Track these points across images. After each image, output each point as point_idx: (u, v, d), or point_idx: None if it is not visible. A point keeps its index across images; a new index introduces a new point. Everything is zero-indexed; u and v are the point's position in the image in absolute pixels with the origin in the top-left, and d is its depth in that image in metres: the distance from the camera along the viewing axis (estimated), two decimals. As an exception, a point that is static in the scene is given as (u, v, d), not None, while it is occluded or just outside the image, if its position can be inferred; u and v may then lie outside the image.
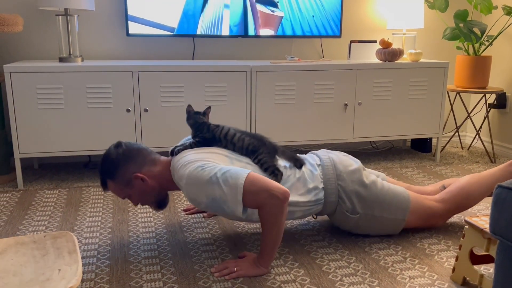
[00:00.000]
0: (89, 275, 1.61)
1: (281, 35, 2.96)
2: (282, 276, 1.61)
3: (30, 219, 2.07)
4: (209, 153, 1.69)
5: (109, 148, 1.76)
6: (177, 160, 1.70)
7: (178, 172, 1.65)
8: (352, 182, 1.81)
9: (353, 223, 1.85)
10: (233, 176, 1.55)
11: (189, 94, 2.57)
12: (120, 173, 1.71)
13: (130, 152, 1.73)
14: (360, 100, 2.84)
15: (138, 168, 1.72)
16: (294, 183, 1.76)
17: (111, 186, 1.74)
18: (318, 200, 1.79)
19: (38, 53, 2.78)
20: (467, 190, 1.90)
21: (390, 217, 1.85)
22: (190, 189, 1.60)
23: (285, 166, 1.78)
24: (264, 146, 1.76)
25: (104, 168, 1.72)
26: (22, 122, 2.41)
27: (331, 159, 1.85)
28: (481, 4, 3.01)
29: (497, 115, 3.31)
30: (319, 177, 1.80)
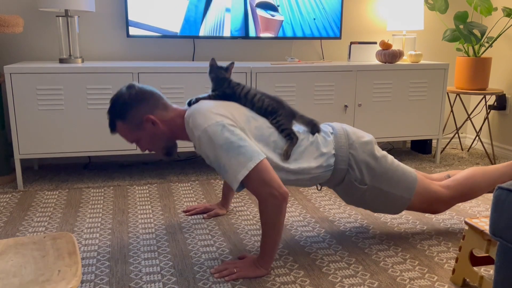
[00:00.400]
0: (89, 276, 1.61)
1: (281, 36, 2.96)
2: (282, 277, 1.61)
3: (30, 220, 2.07)
4: (229, 107, 1.66)
5: (121, 89, 1.72)
6: (196, 107, 1.65)
7: (196, 119, 1.60)
8: (363, 152, 1.79)
9: (359, 194, 1.81)
10: (247, 155, 1.52)
11: (190, 95, 2.57)
12: (131, 114, 1.67)
13: (142, 93, 1.70)
14: (360, 101, 2.84)
15: (150, 111, 1.69)
16: (307, 147, 1.73)
17: (120, 128, 1.70)
18: (328, 166, 1.76)
19: (39, 54, 2.79)
20: (473, 181, 1.89)
21: (396, 194, 1.82)
22: (202, 142, 1.57)
23: (298, 131, 1.75)
24: (283, 109, 1.74)
25: (115, 108, 1.68)
26: (22, 123, 2.41)
27: (344, 129, 1.83)
28: (481, 5, 3.01)
29: (497, 116, 3.32)
30: (332, 144, 1.78)
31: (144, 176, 2.73)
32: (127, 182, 2.61)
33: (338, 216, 2.16)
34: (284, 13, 2.93)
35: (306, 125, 1.79)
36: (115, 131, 1.73)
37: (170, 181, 2.63)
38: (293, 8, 2.93)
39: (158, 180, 2.65)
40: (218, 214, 2.13)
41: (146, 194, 2.41)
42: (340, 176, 1.80)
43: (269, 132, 1.69)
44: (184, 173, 2.78)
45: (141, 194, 2.41)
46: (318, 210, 2.22)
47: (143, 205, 2.26)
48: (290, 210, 2.22)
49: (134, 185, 2.55)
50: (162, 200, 2.33)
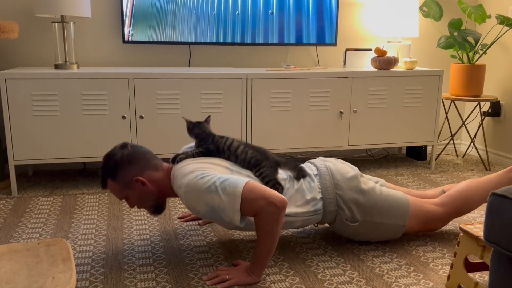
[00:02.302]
0: (83, 283, 1.60)
1: (277, 43, 2.97)
2: (277, 283, 1.61)
3: (24, 227, 2.06)
4: (211, 163, 1.69)
5: (115, 147, 1.76)
6: (178, 168, 1.70)
7: (178, 181, 1.65)
8: (350, 190, 1.81)
9: (353, 230, 1.84)
10: (232, 185, 1.54)
11: (185, 102, 2.58)
12: (122, 174, 1.71)
13: (134, 154, 1.74)
14: (355, 107, 2.85)
15: (140, 172, 1.72)
16: (292, 195, 1.76)
17: (111, 185, 1.74)
18: (316, 210, 1.79)
19: (34, 60, 2.78)
20: (466, 194, 1.90)
21: (390, 223, 1.84)
22: (189, 197, 1.60)
23: (284, 179, 1.78)
24: (266, 160, 1.76)
25: (107, 166, 1.72)
26: (17, 128, 2.40)
27: (328, 168, 1.85)
28: (475, 13, 3.03)
29: (492, 123, 3.33)
30: (317, 188, 1.80)
31: (139, 182, 2.72)
32: (122, 188, 2.60)
33: (334, 222, 2.16)
34: (280, 19, 2.94)
35: (292, 171, 1.81)
36: (106, 188, 1.76)
37: (166, 187, 2.62)
38: (289, 14, 2.95)
39: (154, 186, 2.64)
40: (213, 220, 2.13)
41: (141, 200, 2.40)
42: (331, 217, 1.83)
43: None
44: (180, 179, 2.77)
45: (136, 200, 2.40)
46: (313, 216, 2.22)
47: (138, 212, 2.25)
48: (286, 216, 2.22)
49: (129, 191, 2.54)
50: (157, 206, 2.33)
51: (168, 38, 2.82)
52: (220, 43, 2.89)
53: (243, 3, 2.87)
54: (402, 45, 3.27)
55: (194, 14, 2.82)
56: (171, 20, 2.79)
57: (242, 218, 1.57)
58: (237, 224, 1.56)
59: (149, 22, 2.77)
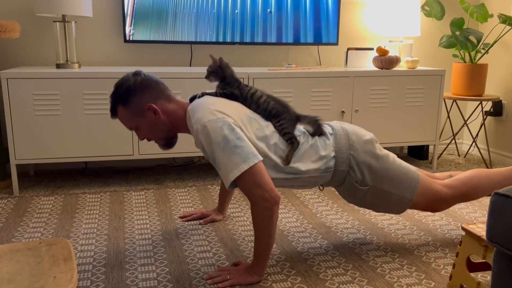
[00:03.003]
0: (84, 283, 1.60)
1: (278, 42, 2.97)
2: (279, 283, 1.60)
3: (25, 226, 2.06)
4: (233, 107, 1.66)
5: (127, 74, 1.71)
6: (199, 101, 1.65)
7: (197, 113, 1.60)
8: (364, 153, 1.77)
9: (361, 195, 1.80)
10: (242, 156, 1.52)
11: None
12: (134, 100, 1.67)
13: (148, 82, 1.70)
14: (357, 107, 2.84)
15: (153, 99, 1.69)
16: (306, 150, 1.72)
17: (121, 113, 1.70)
18: (328, 168, 1.75)
19: (35, 59, 2.78)
20: (475, 182, 1.87)
21: (398, 194, 1.80)
22: (200, 136, 1.57)
23: (299, 134, 1.74)
24: (287, 113, 1.73)
25: (119, 92, 1.68)
26: (19, 128, 2.40)
27: (344, 129, 1.81)
28: (477, 12, 3.03)
29: (494, 122, 3.33)
30: (331, 146, 1.76)
31: (141, 181, 2.72)
32: (123, 187, 2.60)
33: (335, 222, 2.15)
34: (281, 18, 2.94)
35: (311, 125, 1.78)
36: (116, 116, 1.72)
37: (167, 187, 2.62)
38: (290, 14, 2.94)
39: (155, 186, 2.64)
40: (214, 220, 2.13)
41: (142, 200, 2.40)
42: (340, 177, 1.78)
43: (271, 134, 1.68)
44: (181, 179, 2.78)
45: (138, 200, 2.40)
46: (315, 216, 2.22)
47: (139, 211, 2.25)
48: (287, 216, 2.22)
49: (130, 191, 2.54)
50: (159, 205, 2.33)
51: (169, 37, 2.81)
52: (222, 43, 2.89)
53: (243, 2, 2.86)
54: (404, 44, 3.26)
55: (194, 13, 2.81)
56: (172, 19, 2.79)
57: (231, 186, 1.56)
58: (226, 186, 1.56)
59: (150, 22, 2.77)
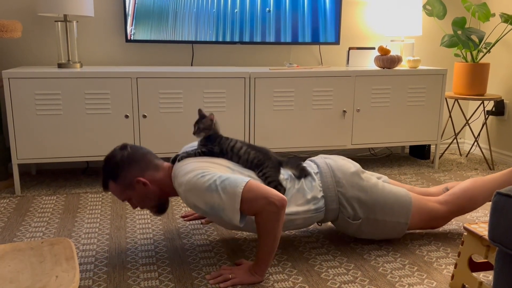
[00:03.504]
0: (86, 282, 1.60)
1: (280, 41, 2.97)
2: (281, 283, 1.60)
3: (27, 225, 2.06)
4: (212, 163, 1.69)
5: (114, 149, 1.75)
6: (179, 167, 1.69)
7: (178, 179, 1.65)
8: (351, 187, 1.80)
9: (356, 228, 1.83)
10: (232, 184, 1.54)
11: (188, 100, 2.57)
12: (123, 175, 1.70)
13: (134, 155, 1.73)
14: (358, 106, 2.84)
15: (141, 173, 1.72)
16: (294, 194, 1.75)
17: (112, 187, 1.73)
18: (318, 208, 1.78)
19: (37, 59, 2.79)
20: (470, 193, 1.89)
21: (392, 221, 1.83)
22: (189, 196, 1.59)
23: (285, 179, 1.77)
24: (269, 160, 1.75)
25: (107, 168, 1.72)
26: (20, 128, 2.40)
27: (329, 166, 1.84)
28: (479, 11, 3.02)
29: (495, 122, 3.32)
30: (318, 186, 1.80)
31: (143, 181, 2.72)
32: (125, 187, 2.60)
33: (337, 222, 2.15)
34: (282, 17, 2.93)
35: (294, 170, 1.81)
36: (108, 190, 1.76)
37: (169, 186, 2.62)
38: (291, 13, 2.94)
39: (157, 185, 2.64)
40: (216, 219, 2.13)
41: (144, 199, 2.40)
42: (333, 215, 1.83)
43: None
44: (183, 178, 2.78)
45: (139, 199, 2.40)
46: (316, 216, 2.22)
47: (141, 211, 2.25)
48: (289, 216, 2.21)
49: (132, 190, 2.54)
50: (160, 205, 2.33)
51: (170, 37, 2.81)
52: (223, 42, 2.88)
53: (243, 2, 2.86)
54: (405, 43, 3.26)
55: (195, 13, 2.81)
56: (173, 19, 2.79)
57: (241, 218, 1.56)
58: (237, 224, 1.55)
59: (151, 21, 2.77)
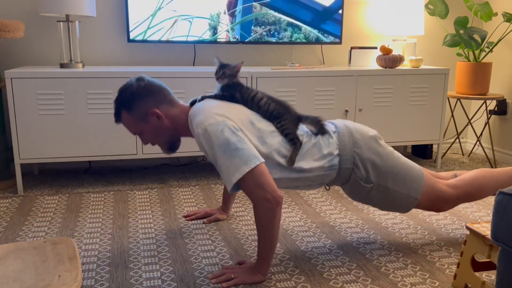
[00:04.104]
0: (89, 281, 1.60)
1: (281, 41, 2.96)
2: (283, 282, 1.60)
3: (30, 225, 2.07)
4: (234, 109, 1.66)
5: (130, 79, 1.72)
6: (200, 105, 1.66)
7: (198, 117, 1.61)
8: (368, 150, 1.76)
9: (365, 193, 1.79)
10: (243, 158, 1.52)
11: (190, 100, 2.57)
12: (138, 105, 1.68)
13: (151, 86, 1.71)
14: (360, 106, 2.84)
15: (157, 104, 1.70)
16: (309, 149, 1.72)
17: (125, 118, 1.71)
18: (332, 166, 1.74)
19: (39, 59, 2.79)
20: (480, 182, 1.86)
21: (403, 192, 1.79)
22: (202, 141, 1.59)
23: (302, 134, 1.74)
24: (288, 114, 1.73)
25: (122, 98, 1.69)
26: (23, 127, 2.41)
27: (347, 127, 1.80)
28: (481, 11, 3.02)
29: (498, 121, 3.31)
30: (335, 144, 1.75)
31: (145, 180, 2.72)
32: (127, 187, 2.61)
33: (339, 221, 2.15)
34: (284, 17, 2.93)
35: (313, 126, 1.78)
36: (120, 121, 1.73)
37: (171, 186, 2.62)
38: (294, 13, 2.94)
39: (159, 185, 2.64)
40: (218, 219, 2.13)
41: (146, 199, 2.41)
42: (345, 175, 1.78)
43: (272, 135, 1.68)
44: (185, 178, 2.78)
45: (142, 199, 2.41)
46: (319, 215, 2.22)
47: (143, 210, 2.26)
48: (291, 215, 2.22)
49: (134, 190, 2.54)
50: (163, 205, 2.33)
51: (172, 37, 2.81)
52: (225, 42, 2.88)
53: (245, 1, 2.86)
54: (407, 43, 3.26)
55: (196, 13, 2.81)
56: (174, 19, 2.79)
57: (233, 188, 1.56)
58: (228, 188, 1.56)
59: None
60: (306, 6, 2.95)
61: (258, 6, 2.87)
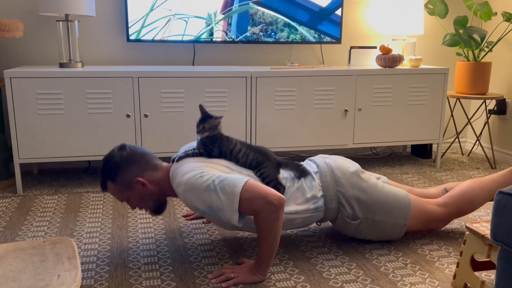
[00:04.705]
0: (88, 281, 1.60)
1: (281, 41, 2.96)
2: (282, 282, 1.60)
3: (29, 225, 2.07)
4: (210, 163, 1.69)
5: (113, 149, 1.75)
6: (177, 167, 1.69)
7: (177, 179, 1.65)
8: (351, 187, 1.80)
9: (354, 228, 1.84)
10: (230, 184, 1.54)
11: (189, 100, 2.57)
12: (122, 175, 1.70)
13: (133, 155, 1.73)
14: (360, 106, 2.84)
15: (140, 173, 1.72)
16: (293, 193, 1.75)
17: (111, 188, 1.73)
18: (317, 208, 1.78)
19: (39, 58, 2.79)
20: (469, 196, 1.89)
21: (391, 222, 1.84)
22: (188, 196, 1.59)
23: (284, 178, 1.77)
24: (268, 161, 1.75)
25: (106, 169, 1.72)
26: (22, 127, 2.41)
27: (329, 165, 1.84)
28: (480, 10, 3.02)
29: (497, 121, 3.31)
30: (318, 186, 1.80)
31: (144, 180, 2.72)
32: (127, 186, 2.60)
33: (339, 221, 2.15)
34: (284, 16, 2.93)
35: (294, 171, 1.80)
36: (106, 190, 1.76)
37: (170, 186, 2.62)
38: (293, 12, 2.94)
39: (158, 185, 2.64)
40: (218, 218, 2.13)
41: (146, 199, 2.40)
42: (332, 214, 1.83)
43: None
44: (184, 178, 2.77)
45: (141, 199, 2.40)
46: (318, 215, 2.22)
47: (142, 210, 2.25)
48: (290, 215, 2.21)
49: (134, 190, 2.54)
50: (162, 204, 2.33)
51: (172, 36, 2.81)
52: (224, 41, 2.88)
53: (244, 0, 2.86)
54: (407, 42, 3.25)
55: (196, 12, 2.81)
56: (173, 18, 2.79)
57: (240, 218, 1.56)
58: (235, 224, 1.54)
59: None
60: (303, 6, 2.94)
61: (255, 6, 2.87)
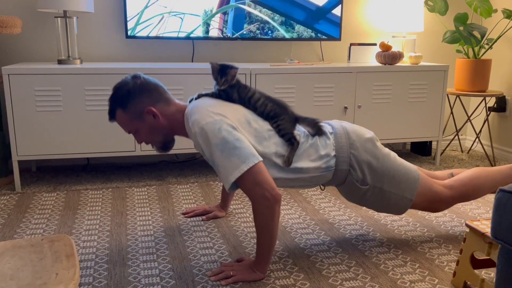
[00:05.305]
0: (87, 279, 1.60)
1: (280, 38, 2.95)
2: (282, 280, 1.60)
3: (27, 222, 2.06)
4: (230, 108, 1.65)
5: (126, 77, 1.70)
6: (196, 104, 1.65)
7: (195, 115, 1.60)
8: (364, 152, 1.76)
9: (361, 194, 1.79)
10: (241, 158, 1.51)
11: (189, 97, 2.56)
12: (133, 103, 1.66)
13: (147, 84, 1.69)
14: (360, 103, 2.83)
15: (153, 103, 1.68)
16: (306, 149, 1.71)
17: (120, 117, 1.69)
18: (328, 167, 1.74)
19: (37, 55, 2.77)
20: (476, 182, 1.87)
21: (398, 194, 1.79)
22: (198, 140, 1.57)
23: (298, 134, 1.73)
24: (285, 114, 1.72)
25: (117, 96, 1.67)
26: (20, 124, 2.40)
27: (344, 128, 1.80)
28: (481, 7, 3.01)
29: (497, 118, 3.31)
30: (332, 145, 1.75)
31: (143, 178, 2.71)
32: (125, 184, 2.60)
33: (338, 219, 2.15)
34: (283, 13, 2.92)
35: (310, 127, 1.77)
36: (114, 120, 1.71)
37: (169, 183, 2.62)
38: (292, 9, 2.93)
39: (157, 182, 2.63)
40: (217, 216, 2.12)
41: (144, 196, 2.40)
42: (341, 176, 1.78)
43: (269, 134, 1.67)
44: (183, 175, 2.77)
45: (140, 196, 2.40)
46: (318, 212, 2.21)
47: (141, 207, 2.25)
48: (290, 212, 2.21)
49: (132, 187, 2.54)
50: (161, 202, 2.32)
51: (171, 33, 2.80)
52: (224, 38, 2.87)
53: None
54: (407, 39, 3.25)
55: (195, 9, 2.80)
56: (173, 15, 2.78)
57: (232, 187, 1.55)
58: (226, 189, 1.56)
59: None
60: (299, 5, 2.93)
61: (252, 5, 2.86)
